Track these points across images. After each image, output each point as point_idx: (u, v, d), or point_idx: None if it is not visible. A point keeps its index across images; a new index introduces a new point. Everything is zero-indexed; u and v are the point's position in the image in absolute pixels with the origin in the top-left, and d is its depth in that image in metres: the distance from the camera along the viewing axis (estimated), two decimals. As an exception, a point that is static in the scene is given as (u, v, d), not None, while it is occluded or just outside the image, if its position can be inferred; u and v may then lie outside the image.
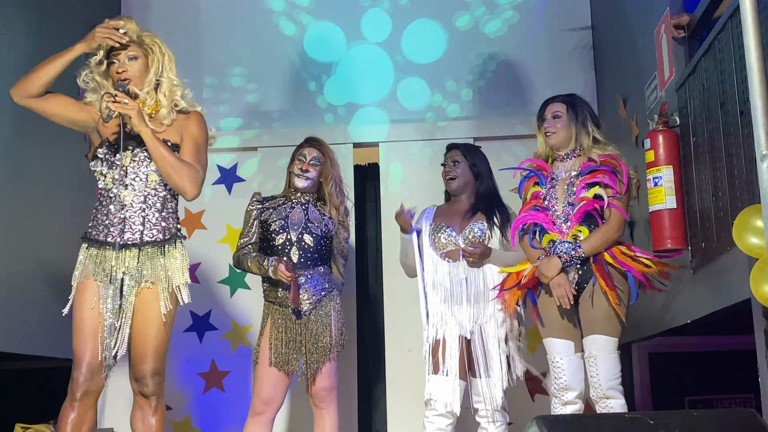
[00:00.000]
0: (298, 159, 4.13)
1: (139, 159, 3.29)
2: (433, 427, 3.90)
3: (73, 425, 3.12)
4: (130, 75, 3.29)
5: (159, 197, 3.31)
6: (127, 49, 3.31)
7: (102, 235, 3.24)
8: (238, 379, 5.06)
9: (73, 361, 3.17)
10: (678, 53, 3.69)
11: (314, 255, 4.02)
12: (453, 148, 4.20)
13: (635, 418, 2.05)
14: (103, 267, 3.21)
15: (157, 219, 3.30)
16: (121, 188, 3.25)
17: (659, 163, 3.55)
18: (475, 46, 5.37)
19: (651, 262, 3.50)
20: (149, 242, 3.25)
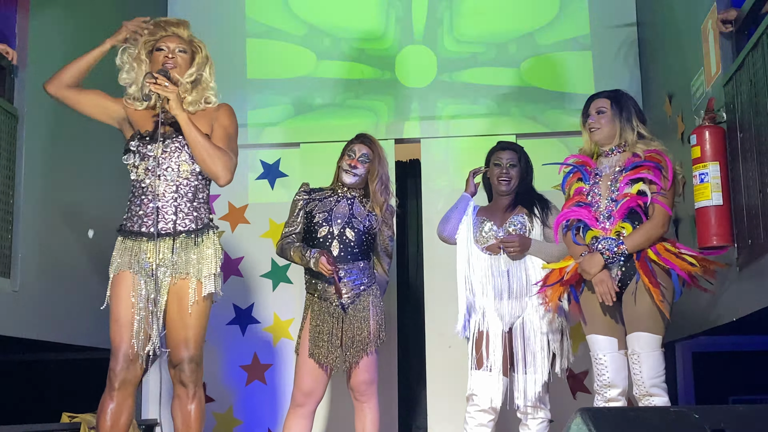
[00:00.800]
0: (347, 154, 4.13)
1: (171, 150, 3.34)
2: (475, 422, 3.91)
3: (112, 415, 3.18)
4: (176, 63, 3.38)
5: (191, 187, 3.35)
6: (177, 41, 3.42)
7: (136, 226, 3.31)
8: (279, 372, 5.10)
9: (111, 351, 3.23)
10: (725, 48, 3.64)
11: (354, 250, 4.04)
12: (509, 149, 4.19)
13: (680, 412, 2.03)
14: (138, 258, 3.27)
15: (189, 209, 3.33)
16: (154, 179, 3.30)
17: (705, 159, 3.51)
18: (518, 41, 5.35)
19: (695, 260, 3.46)
20: (182, 231, 3.29)
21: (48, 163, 4.00)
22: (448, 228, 4.16)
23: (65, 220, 4.19)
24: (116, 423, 3.19)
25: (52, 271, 4.01)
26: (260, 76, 5.47)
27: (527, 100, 5.29)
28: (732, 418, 2.14)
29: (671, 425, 2.05)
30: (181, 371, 3.28)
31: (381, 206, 4.10)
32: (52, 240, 4.03)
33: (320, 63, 5.46)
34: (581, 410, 1.95)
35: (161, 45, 3.42)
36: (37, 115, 3.88)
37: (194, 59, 3.45)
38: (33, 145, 3.85)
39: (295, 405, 3.99)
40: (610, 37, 5.27)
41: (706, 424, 2.07)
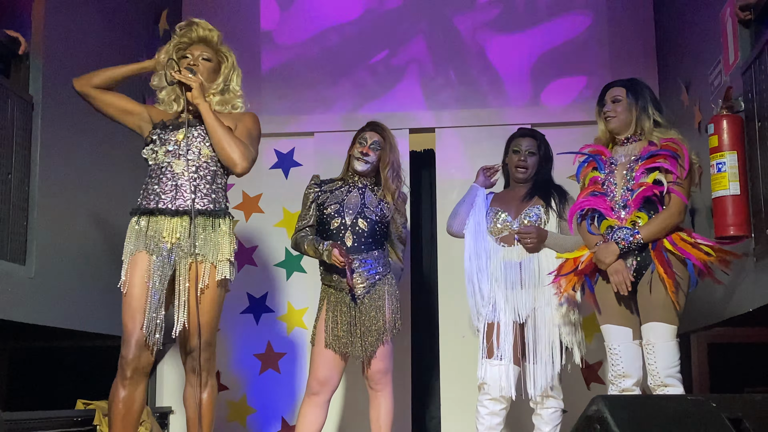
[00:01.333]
0: (359, 142, 4.13)
1: (193, 136, 3.38)
2: (487, 411, 3.90)
3: (124, 403, 3.17)
4: (199, 71, 3.42)
5: (210, 170, 3.37)
6: (202, 49, 3.50)
7: (153, 203, 3.31)
8: (293, 360, 5.11)
9: (123, 338, 3.21)
10: (744, 36, 3.60)
11: (368, 239, 4.04)
12: (529, 136, 4.17)
13: (697, 400, 2.02)
14: (153, 238, 3.25)
15: (208, 190, 3.35)
16: (173, 159, 3.34)
17: (723, 148, 3.48)
18: (533, 31, 5.32)
19: (712, 250, 3.45)
20: (200, 211, 3.29)
21: (63, 150, 4.01)
22: (456, 223, 4.17)
23: (81, 208, 4.20)
24: (129, 411, 3.18)
25: (67, 259, 4.02)
26: (274, 64, 5.45)
27: (543, 89, 5.25)
28: (749, 407, 2.13)
29: (688, 413, 2.04)
30: (193, 358, 3.29)
31: (393, 193, 4.10)
32: (67, 227, 4.04)
33: (335, 55, 5.44)
34: (598, 397, 1.94)
35: (187, 53, 3.50)
36: (52, 103, 3.89)
37: (220, 68, 3.52)
38: (49, 132, 3.86)
39: (311, 394, 3.99)
40: (627, 25, 5.23)
41: (723, 413, 2.06)
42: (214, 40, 3.53)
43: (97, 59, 4.34)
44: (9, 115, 3.60)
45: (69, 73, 4.04)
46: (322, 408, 4.00)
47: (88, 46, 4.24)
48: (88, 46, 4.24)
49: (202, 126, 3.39)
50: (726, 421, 2.05)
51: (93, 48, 4.28)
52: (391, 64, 5.41)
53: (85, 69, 4.22)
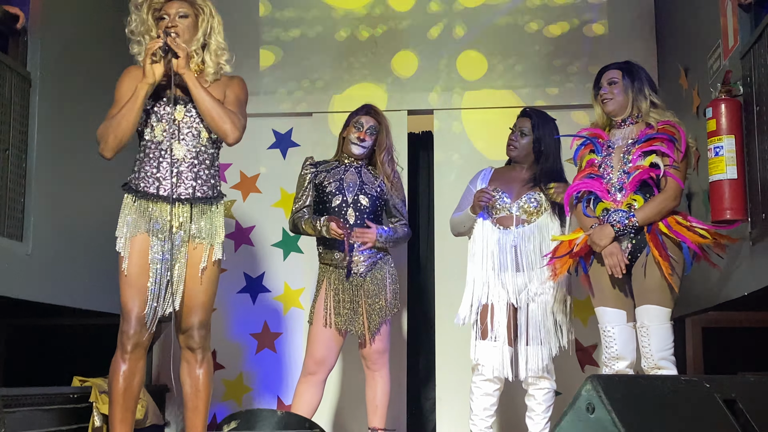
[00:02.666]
0: (354, 126, 4.14)
1: (192, 115, 3.30)
2: (481, 392, 3.92)
3: (125, 377, 3.18)
4: (180, 31, 3.28)
5: (209, 154, 3.33)
6: (177, 6, 3.32)
7: (153, 188, 3.26)
8: (289, 340, 5.13)
9: (122, 314, 3.21)
10: (743, 20, 3.60)
11: (370, 216, 4.08)
12: (525, 116, 4.14)
13: (691, 381, 2.04)
14: (156, 221, 3.23)
15: (207, 176, 3.32)
16: (173, 142, 3.26)
17: (721, 132, 3.48)
18: (534, 14, 5.30)
19: (707, 233, 3.46)
20: (201, 198, 3.28)
21: (61, 127, 4.01)
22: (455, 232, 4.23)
23: (78, 185, 4.20)
24: (129, 385, 3.19)
25: (64, 236, 4.03)
26: (272, 45, 5.43)
27: (541, 72, 5.25)
28: (743, 388, 2.14)
29: (682, 394, 2.05)
30: (190, 337, 3.29)
31: (389, 176, 4.13)
32: (64, 204, 4.05)
33: (333, 35, 5.42)
34: (592, 377, 1.95)
35: (162, 13, 3.33)
36: (50, 79, 3.88)
37: (198, 21, 3.36)
38: (46, 108, 3.86)
39: (307, 373, 4.01)
40: (627, 9, 5.22)
41: (716, 394, 2.08)
42: None
43: (96, 35, 4.34)
44: (6, 92, 3.59)
45: (67, 49, 4.03)
46: (318, 387, 4.02)
47: (87, 23, 4.22)
48: (87, 23, 4.22)
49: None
50: (720, 401, 2.07)
51: (91, 24, 4.26)
52: (389, 45, 5.38)
53: (83, 46, 4.22)
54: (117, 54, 4.31)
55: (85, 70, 4.24)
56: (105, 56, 4.37)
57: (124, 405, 3.18)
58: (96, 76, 4.28)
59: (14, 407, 3.52)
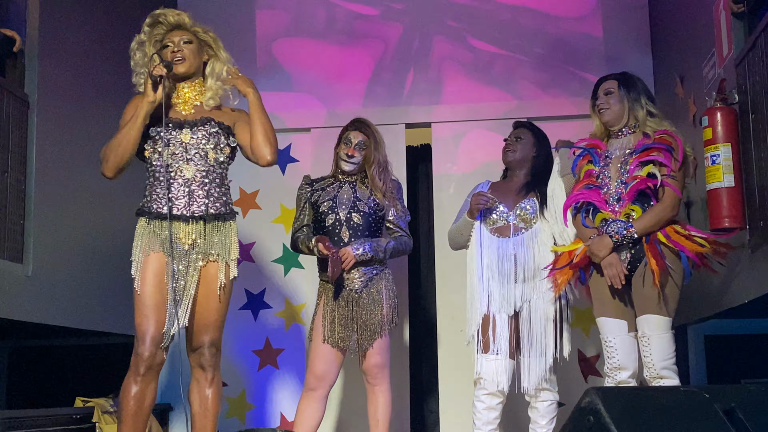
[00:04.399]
0: (344, 142, 4.15)
1: (199, 137, 3.35)
2: (483, 405, 3.92)
3: (136, 399, 3.17)
4: (185, 56, 3.37)
5: (217, 174, 3.37)
6: (181, 34, 3.40)
7: (165, 208, 3.27)
8: (291, 356, 5.12)
9: (137, 335, 3.21)
10: (737, 29, 3.62)
11: (365, 233, 4.05)
12: (521, 126, 4.18)
13: (690, 392, 2.04)
14: (169, 240, 3.23)
15: (219, 193, 3.36)
16: (181, 163, 3.30)
17: (717, 140, 3.49)
18: (529, 24, 5.32)
19: (706, 242, 3.46)
20: (214, 215, 3.31)
21: (60, 148, 4.02)
22: (454, 246, 4.23)
23: (77, 206, 4.21)
24: (140, 407, 3.18)
25: (64, 257, 4.04)
26: (270, 61, 5.45)
27: (538, 84, 5.26)
28: (743, 397, 2.14)
29: (681, 405, 2.05)
30: (201, 355, 3.31)
31: (381, 190, 4.10)
32: (64, 226, 4.05)
33: (331, 49, 5.44)
34: (592, 389, 1.96)
35: (166, 42, 3.40)
36: (48, 102, 3.90)
37: (202, 47, 3.44)
38: (44, 131, 3.87)
39: (308, 389, 4.01)
40: (622, 18, 5.23)
41: (716, 404, 2.08)
42: (186, 22, 3.42)
43: (93, 57, 4.36)
44: (5, 114, 3.61)
45: (64, 71, 4.06)
46: (320, 403, 4.01)
47: (84, 44, 4.25)
48: (84, 44, 4.25)
49: (204, 126, 3.36)
50: (719, 411, 2.07)
51: (89, 46, 4.29)
52: (387, 60, 5.40)
53: (81, 68, 4.25)
54: (116, 75, 4.35)
55: (84, 91, 4.26)
56: (104, 77, 4.40)
57: (134, 426, 3.18)
58: (95, 97, 4.31)
59: (17, 429, 3.53)
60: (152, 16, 3.41)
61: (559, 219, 3.88)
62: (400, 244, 4.14)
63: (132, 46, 3.42)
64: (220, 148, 3.38)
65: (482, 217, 4.05)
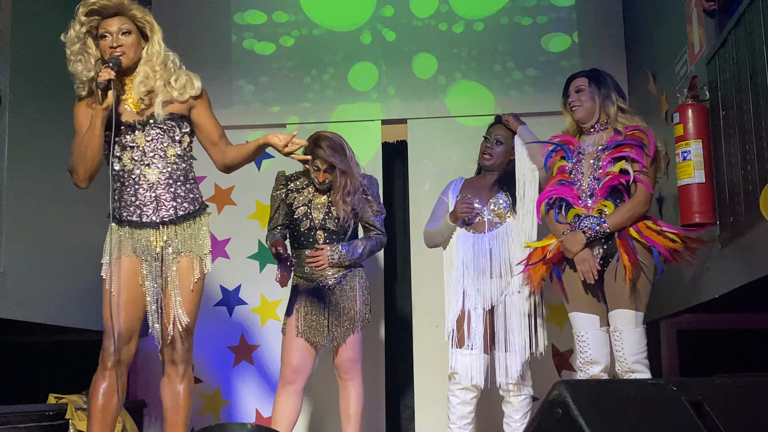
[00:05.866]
0: (313, 166, 4.06)
1: (152, 136, 3.26)
2: (458, 400, 3.94)
3: (104, 394, 3.17)
4: (125, 49, 3.22)
5: (181, 169, 3.31)
6: (118, 22, 3.23)
7: (135, 215, 3.26)
8: (267, 353, 5.11)
9: (104, 331, 3.20)
10: (708, 26, 3.65)
11: (340, 236, 4.09)
12: (501, 124, 4.18)
13: (658, 384, 2.06)
14: (142, 244, 3.24)
15: (185, 191, 3.32)
16: (143, 167, 3.25)
17: (688, 137, 3.53)
18: (503, 21, 5.34)
19: (677, 237, 3.49)
20: (183, 216, 3.29)
21: (32, 144, 3.98)
22: (429, 244, 4.26)
23: (50, 202, 4.17)
24: (108, 402, 3.17)
25: (37, 253, 4.00)
26: (246, 53, 5.44)
27: (513, 80, 5.28)
28: (710, 390, 2.16)
29: (649, 397, 2.07)
30: (173, 349, 3.28)
31: (343, 213, 4.05)
32: (37, 222, 4.02)
33: (307, 47, 5.44)
34: (560, 382, 1.97)
35: (103, 31, 3.23)
36: (20, 97, 3.86)
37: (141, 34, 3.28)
38: (17, 127, 3.84)
39: (286, 383, 4.01)
40: (595, 16, 5.26)
41: (684, 397, 2.09)
42: (124, 5, 3.23)
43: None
44: (-25, 110, 3.58)
45: (37, 66, 4.02)
46: (297, 397, 4.02)
47: (57, 38, 4.21)
48: (57, 38, 4.21)
49: (157, 124, 3.26)
50: (686, 404, 2.09)
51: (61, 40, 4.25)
52: (363, 55, 5.40)
53: (53, 62, 4.20)
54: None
55: (57, 87, 4.19)
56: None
57: (103, 421, 3.17)
58: (69, 93, 4.25)
59: (-11, 426, 3.50)
60: (86, 5, 3.22)
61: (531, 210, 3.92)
62: (377, 244, 4.18)
63: (69, 36, 3.26)
64: (176, 140, 3.29)
65: (462, 224, 4.07)
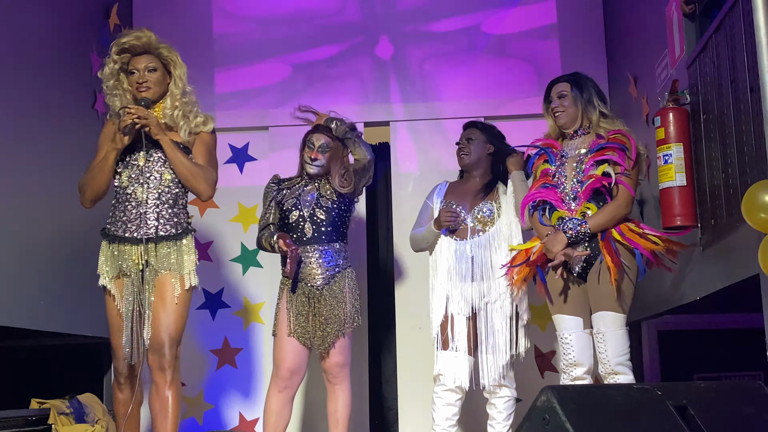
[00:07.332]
0: (308, 146, 4.15)
1: (154, 159, 3.55)
2: (442, 402, 3.95)
3: (123, 404, 3.59)
4: (150, 84, 3.57)
5: (172, 194, 3.57)
6: (146, 60, 3.58)
7: (120, 230, 3.53)
8: (250, 356, 5.10)
9: (112, 352, 3.60)
10: (689, 30, 3.69)
11: (328, 229, 4.07)
12: (470, 126, 4.23)
13: (643, 389, 2.08)
14: (126, 262, 3.51)
15: (170, 214, 3.55)
16: (136, 186, 3.52)
17: (669, 140, 3.56)
18: (484, 24, 5.36)
19: (659, 239, 3.52)
20: (163, 236, 3.52)
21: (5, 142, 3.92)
22: (415, 248, 4.28)
23: (27, 205, 4.10)
24: (126, 411, 3.56)
25: (16, 256, 3.96)
26: (227, 57, 5.43)
27: (495, 83, 5.30)
28: (694, 394, 2.19)
29: (635, 402, 2.09)
30: (161, 356, 3.45)
31: (341, 188, 4.11)
32: (20, 226, 3.99)
33: (289, 48, 5.43)
34: (547, 388, 1.99)
35: (132, 68, 3.59)
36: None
37: (167, 71, 3.62)
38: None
39: (283, 386, 3.98)
40: (576, 19, 5.29)
41: (669, 401, 2.12)
42: (152, 44, 3.60)
43: (47, 54, 4.30)
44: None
45: (4, 61, 3.95)
46: (291, 402, 4.03)
47: (36, 41, 4.18)
48: (36, 41, 4.18)
49: (159, 149, 3.54)
50: (671, 408, 2.11)
51: (41, 43, 4.22)
52: (345, 58, 5.41)
53: (34, 63, 4.17)
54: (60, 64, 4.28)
55: (25, 83, 4.16)
56: (47, 68, 4.31)
57: (128, 425, 3.58)
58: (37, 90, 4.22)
59: (-29, 432, 3.48)
60: (118, 44, 3.58)
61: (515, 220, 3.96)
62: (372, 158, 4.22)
63: (104, 73, 3.62)
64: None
65: (447, 232, 4.09)
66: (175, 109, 3.60)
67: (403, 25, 5.42)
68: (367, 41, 5.41)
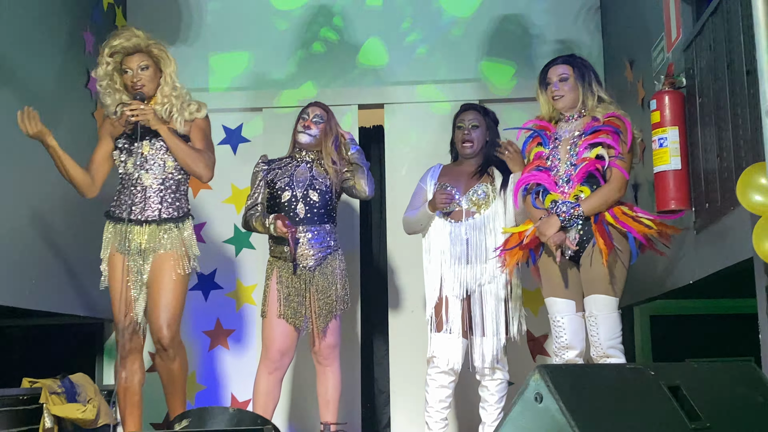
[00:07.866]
0: (302, 117, 4.16)
1: (157, 147, 3.77)
2: (436, 384, 3.95)
3: (126, 380, 3.76)
4: (144, 82, 3.76)
5: (174, 180, 3.80)
6: (138, 59, 3.76)
7: (125, 213, 3.74)
8: (242, 337, 5.11)
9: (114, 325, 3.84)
10: (686, 13, 3.67)
11: (320, 210, 4.05)
12: (471, 109, 4.19)
13: (637, 369, 2.08)
14: (127, 240, 3.70)
15: (173, 199, 3.79)
16: (142, 172, 3.74)
17: (665, 124, 3.55)
18: (480, 7, 5.34)
19: (652, 223, 3.52)
20: (166, 219, 3.74)
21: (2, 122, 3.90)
22: (409, 231, 4.26)
23: (17, 185, 4.09)
24: (131, 386, 3.75)
25: (6, 236, 3.95)
26: (221, 39, 5.40)
27: (489, 65, 5.28)
28: (687, 375, 2.19)
29: (627, 382, 2.09)
30: (161, 335, 3.67)
31: (335, 162, 4.09)
32: (14, 205, 3.96)
33: (282, 30, 5.41)
34: (539, 367, 1.99)
35: (125, 67, 3.78)
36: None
37: (159, 67, 3.79)
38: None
39: (273, 368, 3.97)
40: (572, 1, 5.27)
41: (661, 381, 2.12)
42: (141, 44, 3.76)
43: (40, 32, 4.26)
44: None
45: (9, 45, 3.94)
46: (280, 382, 4.03)
47: (30, 19, 4.15)
48: (30, 19, 4.15)
49: (161, 138, 3.74)
50: (664, 388, 2.11)
51: (34, 21, 4.19)
52: (339, 40, 5.39)
53: (25, 44, 4.14)
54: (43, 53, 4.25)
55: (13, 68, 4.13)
56: (45, 45, 4.28)
57: (130, 401, 3.76)
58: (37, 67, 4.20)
59: (-38, 411, 3.47)
60: (111, 47, 3.75)
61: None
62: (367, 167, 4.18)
63: (98, 74, 3.79)
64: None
65: (441, 213, 4.07)
66: (166, 105, 3.78)
67: (399, 9, 5.39)
68: (362, 23, 5.38)
